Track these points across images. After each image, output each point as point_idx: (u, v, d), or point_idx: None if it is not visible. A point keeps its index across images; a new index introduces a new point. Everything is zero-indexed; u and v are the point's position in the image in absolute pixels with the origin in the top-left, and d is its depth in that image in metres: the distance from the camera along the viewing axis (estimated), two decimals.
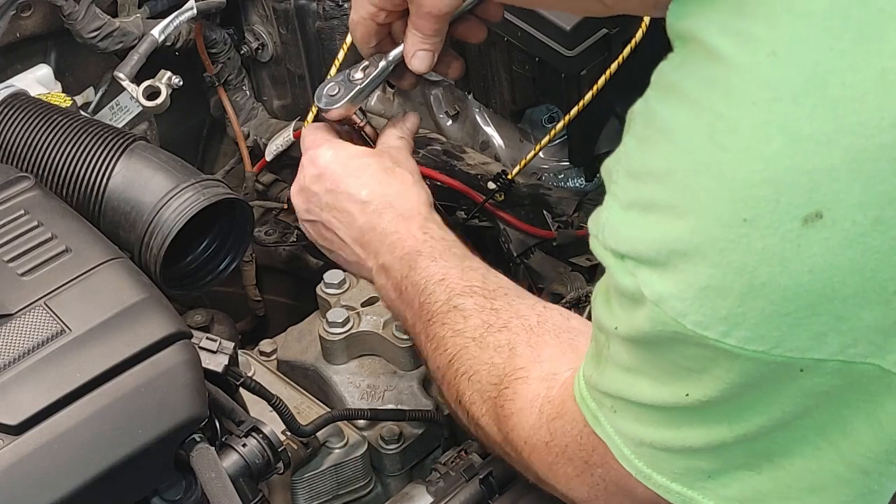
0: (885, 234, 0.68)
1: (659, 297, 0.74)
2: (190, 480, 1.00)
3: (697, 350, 0.74)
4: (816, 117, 0.67)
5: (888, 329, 0.70)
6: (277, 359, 1.48)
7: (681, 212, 0.72)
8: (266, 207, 1.82)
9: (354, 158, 1.21)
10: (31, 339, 0.96)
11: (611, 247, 0.78)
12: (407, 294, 1.13)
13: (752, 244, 0.69)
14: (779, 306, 0.70)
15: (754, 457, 0.79)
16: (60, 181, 1.25)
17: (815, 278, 0.69)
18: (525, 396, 0.98)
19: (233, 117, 1.79)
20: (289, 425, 1.21)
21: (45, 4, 1.47)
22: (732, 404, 0.76)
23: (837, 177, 0.67)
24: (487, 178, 1.50)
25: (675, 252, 0.72)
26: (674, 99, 0.74)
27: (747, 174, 0.69)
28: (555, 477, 0.95)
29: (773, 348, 0.72)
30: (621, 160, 0.78)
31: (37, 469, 0.89)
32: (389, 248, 1.15)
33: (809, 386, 0.73)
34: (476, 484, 1.17)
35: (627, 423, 0.83)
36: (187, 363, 0.99)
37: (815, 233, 0.68)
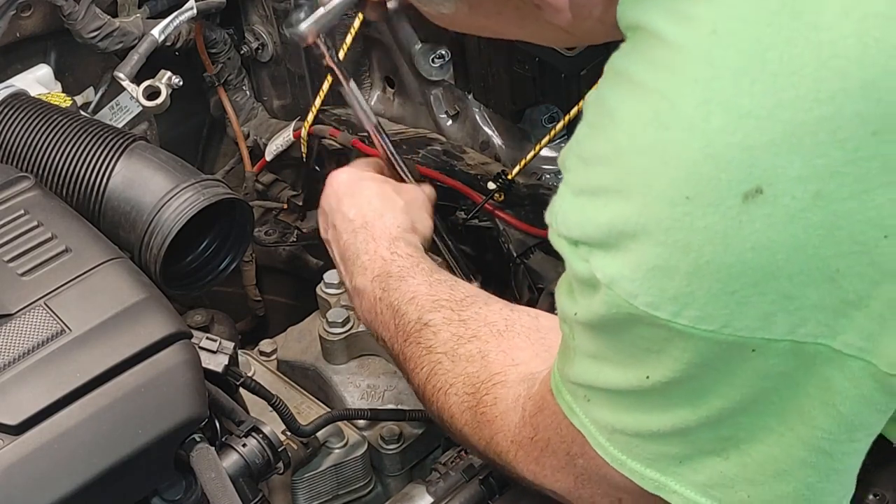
0: (826, 209, 0.68)
1: (611, 279, 0.74)
2: (190, 480, 1.00)
3: (652, 330, 0.75)
4: (756, 93, 0.68)
5: (836, 308, 0.71)
6: (277, 359, 1.48)
7: (627, 193, 0.73)
8: (266, 207, 1.82)
9: (358, 181, 1.26)
10: (31, 339, 0.96)
11: (564, 234, 0.79)
12: (382, 317, 1.15)
13: (695, 222, 0.70)
14: (725, 285, 0.71)
15: (721, 443, 0.79)
16: (60, 181, 1.25)
17: (758, 255, 0.69)
18: (506, 399, 0.99)
19: (233, 117, 1.79)
20: (289, 425, 1.21)
21: (45, 4, 1.47)
22: (691, 386, 0.77)
23: (777, 152, 0.68)
24: (487, 178, 1.50)
25: (623, 233, 0.73)
26: (621, 84, 0.75)
27: (689, 152, 0.70)
28: (542, 472, 0.96)
29: (723, 328, 0.72)
30: (573, 148, 0.79)
31: (37, 469, 0.89)
32: (361, 270, 1.18)
33: (762, 367, 0.74)
34: (476, 484, 1.17)
35: (600, 411, 0.84)
36: (187, 363, 0.99)
37: (756, 209, 0.69)
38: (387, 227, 1.21)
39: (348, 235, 1.22)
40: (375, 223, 1.21)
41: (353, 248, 1.21)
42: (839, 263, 0.69)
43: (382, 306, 1.15)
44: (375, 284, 1.16)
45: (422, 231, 1.25)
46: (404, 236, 1.20)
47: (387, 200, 1.24)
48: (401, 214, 1.23)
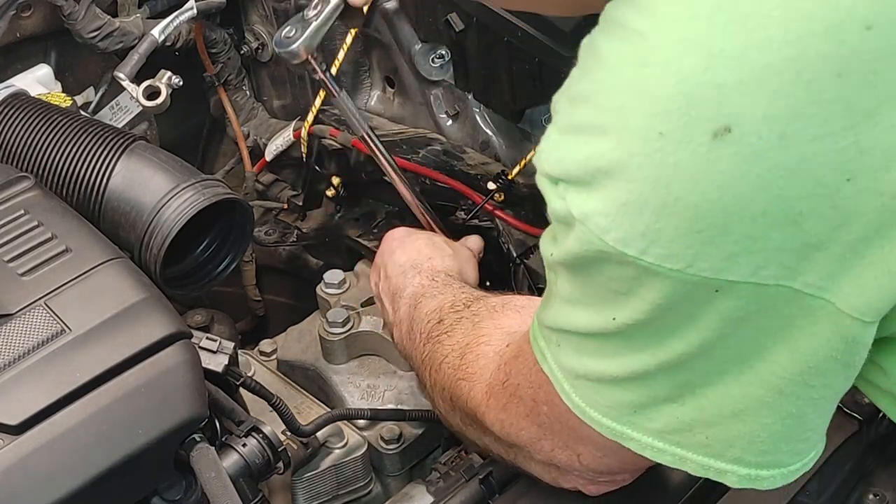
0: (791, 151, 0.69)
1: (585, 215, 0.76)
2: (190, 480, 1.00)
3: (621, 269, 0.76)
4: (728, 33, 0.70)
5: (798, 250, 0.72)
6: (277, 359, 1.48)
7: (605, 129, 0.74)
8: (266, 207, 1.82)
9: (412, 234, 1.36)
10: (31, 339, 0.96)
11: (546, 171, 0.80)
12: (411, 334, 1.20)
13: (665, 158, 0.71)
14: (691, 223, 0.72)
15: (677, 388, 0.81)
16: (60, 181, 1.25)
17: (724, 194, 0.71)
18: (487, 355, 1.03)
19: (233, 117, 1.79)
20: (289, 425, 1.21)
21: (45, 4, 1.47)
22: (654, 328, 0.78)
23: (745, 91, 0.69)
24: (487, 178, 1.50)
25: (599, 169, 0.74)
26: (610, 29, 0.76)
27: (663, 88, 0.71)
28: (508, 419, 0.99)
29: (688, 267, 0.73)
30: (563, 90, 0.80)
31: (37, 469, 0.89)
32: (404, 302, 1.25)
33: (724, 309, 0.75)
34: (476, 484, 1.17)
35: (568, 357, 0.87)
36: (187, 363, 0.99)
37: (724, 147, 0.70)
38: (434, 265, 1.28)
39: (397, 278, 1.29)
40: (423, 263, 1.29)
41: (402, 285, 1.27)
42: (802, 206, 0.70)
43: (412, 324, 1.20)
44: (409, 307, 1.22)
45: (469, 279, 1.32)
46: (447, 271, 1.28)
47: (436, 247, 1.33)
48: (448, 259, 1.31)
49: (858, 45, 0.68)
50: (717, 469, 0.84)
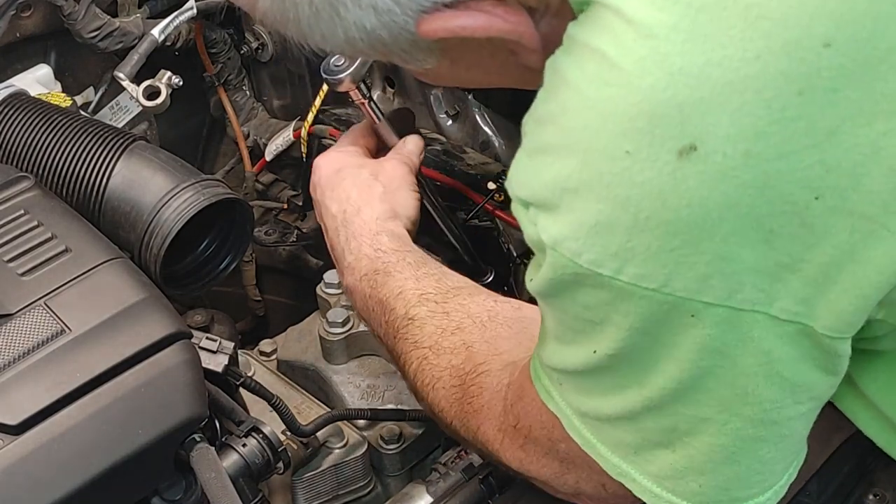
0: (756, 169, 0.69)
1: (555, 240, 0.76)
2: (190, 480, 1.00)
3: (595, 293, 0.76)
4: (687, 52, 0.70)
5: (771, 272, 0.72)
6: (277, 359, 1.48)
7: (571, 149, 0.74)
8: (266, 207, 1.82)
9: (338, 172, 1.26)
10: (31, 339, 0.96)
11: (516, 195, 0.80)
12: (374, 314, 1.16)
13: (633, 177, 0.71)
14: (663, 241, 0.72)
15: (665, 434, 0.81)
16: (60, 181, 1.25)
17: (694, 212, 0.71)
18: (490, 388, 1.01)
19: (233, 117, 1.79)
20: (289, 425, 1.21)
21: (45, 4, 1.47)
22: (634, 359, 0.78)
23: (707, 109, 0.69)
24: (487, 178, 1.50)
25: (566, 190, 0.74)
26: (572, 49, 0.76)
27: (627, 107, 0.71)
28: (527, 459, 0.98)
29: (663, 286, 0.73)
30: (531, 111, 0.80)
31: (37, 469, 0.89)
32: (349, 271, 1.19)
33: (701, 337, 0.75)
34: (476, 484, 1.17)
35: (571, 394, 0.86)
36: (187, 363, 0.99)
37: (690, 165, 0.70)
38: (365, 222, 1.21)
39: (332, 233, 1.23)
40: (354, 220, 1.21)
41: (339, 247, 1.22)
42: (773, 224, 0.70)
43: (373, 303, 1.16)
44: (364, 283, 1.17)
45: (405, 213, 1.24)
46: (385, 228, 1.20)
47: (364, 190, 1.24)
48: (378, 204, 1.22)
49: (817, 63, 0.68)
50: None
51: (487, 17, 0.80)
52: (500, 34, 0.81)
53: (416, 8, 0.79)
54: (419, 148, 1.33)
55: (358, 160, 1.29)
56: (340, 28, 0.81)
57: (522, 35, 0.82)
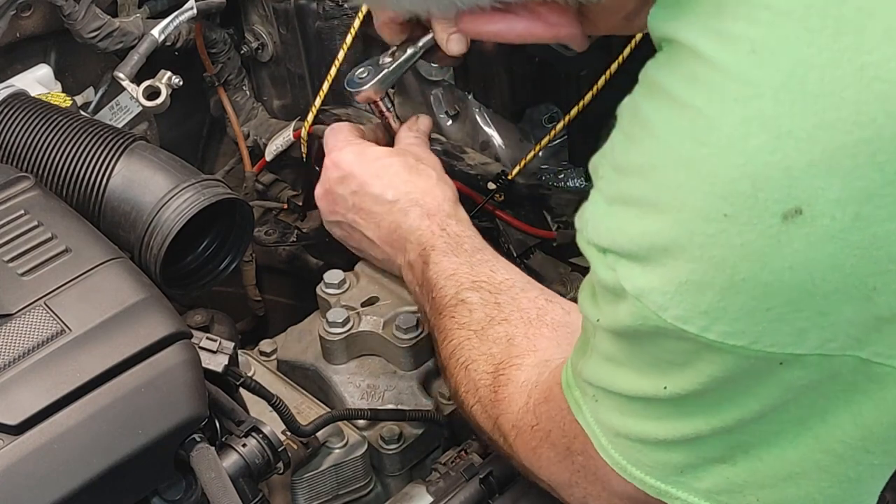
0: (865, 231, 0.68)
1: (640, 291, 0.74)
2: (190, 480, 1.00)
3: (678, 344, 0.75)
4: (796, 113, 0.68)
5: (868, 323, 0.71)
6: (277, 359, 1.48)
7: (662, 207, 0.73)
8: (266, 207, 1.82)
9: (377, 160, 1.25)
10: (31, 339, 0.96)
11: (594, 241, 0.79)
12: (424, 289, 1.16)
13: (731, 240, 0.70)
14: (760, 302, 0.71)
15: (730, 449, 0.80)
16: (60, 181, 1.25)
17: (796, 274, 0.70)
18: (517, 381, 1.00)
19: (233, 117, 1.79)
20: (289, 425, 1.21)
21: (45, 4, 1.47)
22: (711, 398, 0.77)
23: (816, 173, 0.68)
24: (487, 178, 1.50)
25: (655, 247, 0.73)
26: (658, 97, 0.74)
27: (727, 169, 0.70)
28: (538, 461, 0.97)
29: (753, 343, 0.72)
30: (607, 155, 0.79)
31: (37, 469, 0.89)
32: (413, 247, 1.19)
33: (788, 379, 0.74)
34: (476, 484, 1.17)
35: (607, 414, 0.85)
36: (187, 363, 0.99)
37: (796, 229, 0.69)
38: (439, 203, 1.21)
39: (395, 215, 1.21)
40: (427, 200, 1.21)
41: (405, 226, 1.20)
42: (875, 281, 0.69)
43: (424, 279, 1.16)
44: (421, 259, 1.17)
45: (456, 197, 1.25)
46: (455, 212, 1.21)
47: (422, 174, 1.24)
48: (444, 186, 1.24)
49: None
50: None
51: (526, 24, 0.79)
52: (535, 40, 0.80)
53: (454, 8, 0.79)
54: (430, 127, 1.34)
55: (388, 149, 1.29)
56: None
57: (564, 36, 0.81)
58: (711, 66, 0.70)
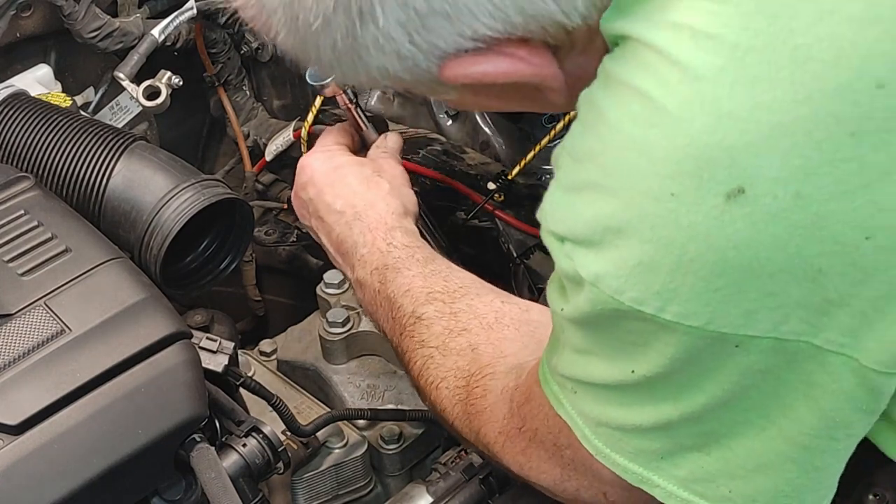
0: (807, 210, 0.69)
1: (595, 276, 0.76)
2: (190, 480, 1.00)
3: (639, 325, 0.76)
4: (735, 95, 0.69)
5: (818, 306, 0.72)
6: (277, 359, 1.48)
7: (613, 189, 0.74)
8: (266, 207, 1.82)
9: (337, 169, 1.26)
10: (31, 339, 0.96)
11: (552, 230, 0.80)
12: (382, 309, 1.16)
13: (679, 219, 0.71)
14: (708, 282, 0.72)
15: (702, 438, 0.81)
16: (60, 181, 1.25)
17: (741, 254, 0.71)
18: (495, 391, 1.01)
19: (233, 117, 1.79)
20: (289, 425, 1.21)
21: (45, 4, 1.47)
22: (675, 380, 0.78)
23: (756, 152, 0.69)
24: (487, 178, 1.50)
25: (608, 229, 0.74)
26: (611, 86, 0.76)
27: (673, 150, 0.71)
28: (528, 462, 0.97)
29: (707, 324, 0.73)
30: (565, 145, 0.80)
31: (37, 469, 0.89)
32: (361, 263, 1.19)
33: (745, 363, 0.75)
34: (476, 483, 1.17)
35: (586, 404, 0.86)
36: (187, 363, 0.99)
37: (738, 208, 0.70)
38: (381, 216, 1.21)
39: (342, 227, 1.22)
40: (369, 213, 1.22)
41: (350, 240, 1.21)
42: (821, 263, 0.70)
43: (381, 299, 1.16)
44: (374, 277, 1.17)
45: (412, 209, 1.25)
46: (401, 224, 1.21)
47: (372, 186, 1.24)
48: (392, 199, 1.23)
49: (871, 105, 0.68)
50: None
51: (510, 62, 0.79)
52: (522, 79, 0.81)
53: (439, 54, 0.78)
54: (399, 145, 1.34)
55: (353, 157, 1.30)
56: (362, 69, 0.80)
57: (545, 77, 0.81)
58: (658, 53, 0.72)
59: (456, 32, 0.77)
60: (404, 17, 0.75)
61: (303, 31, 0.77)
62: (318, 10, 0.75)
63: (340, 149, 1.31)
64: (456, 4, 0.75)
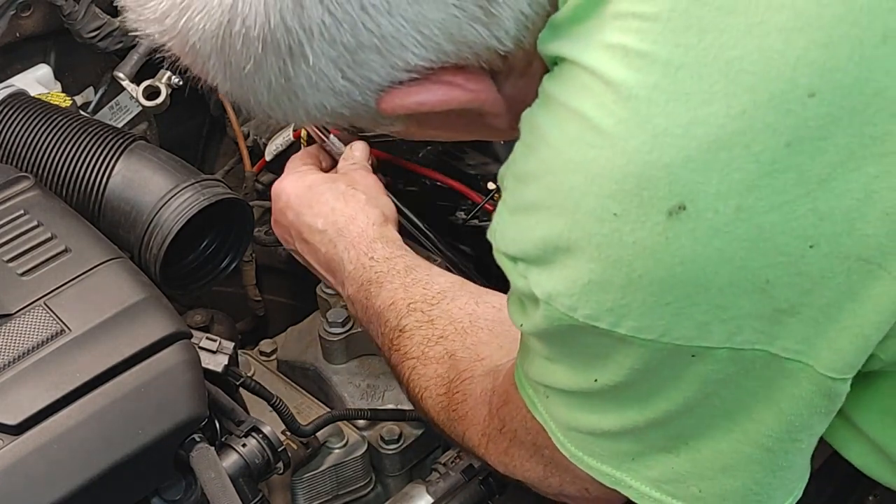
0: (749, 223, 0.69)
1: (548, 295, 0.76)
2: (190, 480, 1.00)
3: (596, 338, 0.76)
4: (669, 112, 0.70)
5: (770, 316, 0.72)
6: (277, 359, 1.48)
7: (558, 210, 0.74)
8: (266, 207, 1.81)
9: (311, 188, 1.28)
10: (31, 339, 0.96)
11: (503, 251, 0.81)
12: (373, 325, 1.18)
13: (624, 238, 0.72)
14: (658, 297, 0.72)
15: (670, 440, 0.81)
16: (60, 181, 1.25)
17: (687, 269, 0.71)
18: (474, 395, 1.02)
19: (233, 117, 1.78)
20: (289, 425, 1.21)
21: (45, 4, 1.47)
22: (637, 389, 0.79)
23: (695, 168, 0.69)
24: (487, 178, 1.50)
25: (558, 249, 0.75)
26: (550, 107, 0.76)
27: (612, 170, 0.71)
28: (511, 461, 0.99)
29: (662, 336, 0.74)
30: (510, 167, 0.80)
31: (37, 469, 0.89)
32: (349, 281, 1.20)
33: (704, 372, 0.75)
34: (476, 484, 1.18)
35: (557, 409, 0.87)
36: (187, 363, 0.99)
37: (681, 224, 0.70)
38: (362, 229, 1.22)
39: (326, 247, 1.24)
40: (350, 228, 1.23)
41: (336, 257, 1.22)
42: (768, 274, 0.70)
43: (370, 315, 1.18)
44: (361, 294, 1.18)
45: (390, 216, 1.26)
46: (381, 234, 1.22)
47: (349, 200, 1.25)
48: (370, 209, 1.24)
49: (803, 113, 0.68)
50: None
51: (446, 90, 0.79)
52: (460, 105, 0.81)
53: (374, 87, 0.78)
54: (367, 154, 1.36)
55: (324, 175, 1.32)
56: (301, 108, 0.80)
57: (484, 102, 0.81)
58: (592, 74, 0.72)
59: (388, 65, 0.76)
60: (334, 54, 0.75)
61: (237, 76, 0.77)
62: (248, 53, 0.75)
63: (310, 169, 1.33)
64: (384, 37, 0.74)
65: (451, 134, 0.96)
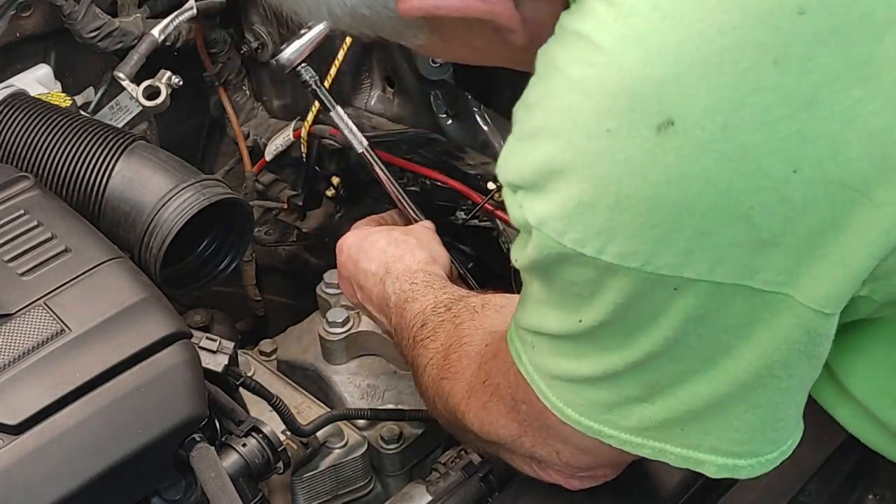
0: (734, 141, 0.70)
1: (540, 220, 0.77)
2: (190, 480, 1.00)
3: (581, 270, 0.77)
4: (665, 29, 0.71)
5: (753, 246, 0.73)
6: (277, 359, 1.48)
7: (556, 131, 0.75)
8: (266, 207, 1.82)
9: (367, 238, 1.32)
10: (31, 339, 0.96)
11: (506, 180, 0.82)
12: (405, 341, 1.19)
13: (615, 155, 0.72)
14: (645, 219, 0.73)
15: (647, 388, 0.83)
16: (60, 181, 1.25)
17: (673, 188, 0.72)
18: (469, 355, 1.05)
19: (233, 117, 1.79)
20: (289, 425, 1.21)
21: (45, 4, 1.47)
22: (619, 328, 0.80)
23: (685, 83, 0.70)
24: (487, 178, 1.50)
25: (552, 172, 0.76)
26: (562, 36, 0.78)
27: (607, 86, 0.72)
28: (489, 418, 1.00)
29: (646, 264, 0.74)
30: (522, 99, 0.81)
31: (37, 469, 0.89)
32: (396, 311, 1.23)
33: (685, 307, 0.76)
34: (476, 482, 1.18)
35: (542, 358, 0.88)
36: (187, 363, 0.99)
37: (669, 140, 0.71)
38: (408, 265, 1.26)
39: (378, 287, 1.27)
40: (397, 266, 1.26)
41: (385, 295, 1.25)
42: (751, 200, 0.71)
43: (402, 328, 1.20)
44: (397, 314, 1.21)
45: (441, 261, 1.30)
46: (424, 268, 1.25)
47: (400, 244, 1.30)
48: (419, 251, 1.28)
49: (792, 31, 0.69)
50: (695, 459, 0.85)
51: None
52: (476, 14, 0.82)
53: None
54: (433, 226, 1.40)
55: (383, 227, 1.37)
56: (324, 4, 0.83)
57: (499, 14, 0.82)
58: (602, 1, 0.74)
59: None
60: None
61: None
62: None
63: (372, 226, 1.38)
64: None
65: (474, 55, 0.96)
